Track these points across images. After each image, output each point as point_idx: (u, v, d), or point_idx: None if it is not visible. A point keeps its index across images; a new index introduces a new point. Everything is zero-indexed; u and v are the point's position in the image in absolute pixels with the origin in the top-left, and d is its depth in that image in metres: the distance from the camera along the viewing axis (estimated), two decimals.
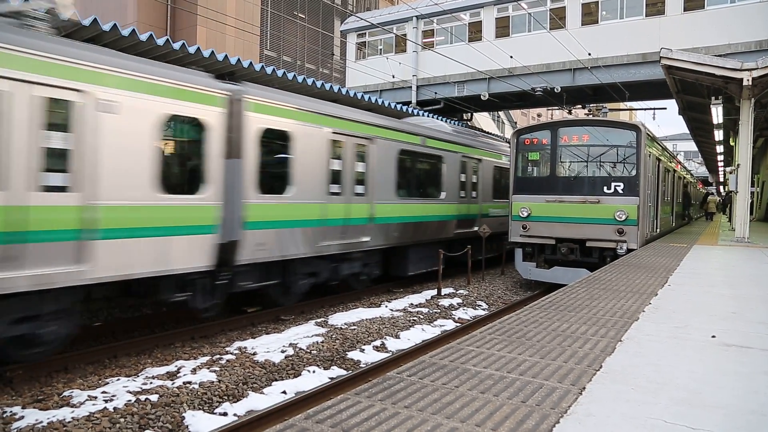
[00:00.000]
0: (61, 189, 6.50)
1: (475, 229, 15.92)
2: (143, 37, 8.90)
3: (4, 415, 5.65)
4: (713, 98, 15.25)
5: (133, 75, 7.23)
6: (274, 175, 9.59)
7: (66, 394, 6.22)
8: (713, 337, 4.99)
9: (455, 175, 15.50)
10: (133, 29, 8.82)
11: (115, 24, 8.56)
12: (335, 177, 10.86)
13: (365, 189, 11.76)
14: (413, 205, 13.40)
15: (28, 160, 6.18)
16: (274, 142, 9.55)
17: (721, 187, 49.23)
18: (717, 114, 16.65)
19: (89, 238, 6.72)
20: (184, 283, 8.23)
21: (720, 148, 26.75)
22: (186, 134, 8.22)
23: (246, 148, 8.83)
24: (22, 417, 5.59)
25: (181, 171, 8.28)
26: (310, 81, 12.23)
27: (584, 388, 3.57)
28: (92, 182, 6.76)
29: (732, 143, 22.41)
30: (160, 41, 9.16)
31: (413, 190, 13.61)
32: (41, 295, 6.50)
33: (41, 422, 5.44)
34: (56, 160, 6.47)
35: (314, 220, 10.28)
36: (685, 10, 18.64)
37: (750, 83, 12.53)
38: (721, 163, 34.54)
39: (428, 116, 18.20)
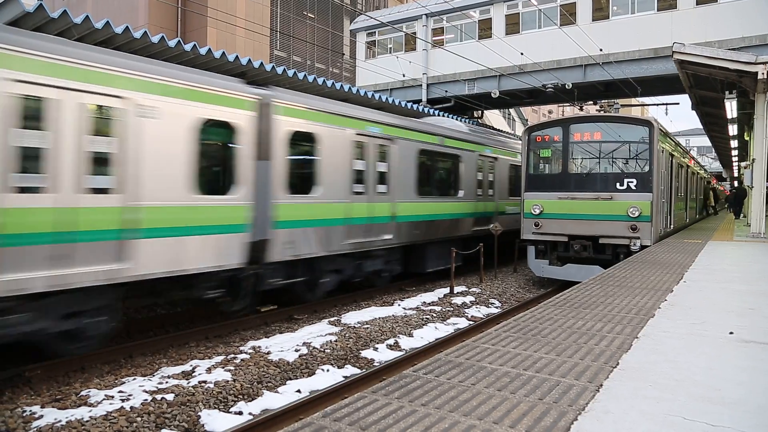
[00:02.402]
0: (105, 191, 6.93)
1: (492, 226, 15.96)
2: (155, 39, 8.95)
3: (24, 414, 5.72)
4: (727, 92, 15.08)
5: (170, 81, 7.63)
6: (302, 176, 10.01)
7: (83, 393, 6.28)
8: (731, 333, 4.94)
9: (472, 173, 15.85)
10: (145, 31, 8.87)
11: (127, 26, 8.62)
12: (358, 177, 11.26)
13: (387, 188, 12.13)
14: (433, 203, 13.73)
15: (77, 164, 6.61)
16: (301, 144, 9.95)
17: (735, 183, 48.69)
18: (731, 108, 16.47)
19: (131, 238, 7.10)
20: (219, 281, 8.58)
21: (734, 143, 26.47)
22: (220, 137, 8.61)
23: (275, 150, 9.24)
24: (42, 416, 5.66)
25: (216, 172, 8.64)
26: (329, 83, 12.37)
27: (601, 385, 3.54)
28: (134, 184, 7.17)
29: (747, 138, 22.17)
30: (172, 42, 9.21)
31: (433, 189, 13.97)
32: (87, 292, 6.82)
33: (60, 421, 5.51)
34: (101, 163, 6.92)
35: (339, 219, 10.68)
36: (697, 4, 18.44)
37: (765, 77, 12.37)
38: (735, 158, 34.18)
39: (446, 116, 18.32)
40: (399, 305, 11.21)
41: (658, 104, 21.08)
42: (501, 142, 17.90)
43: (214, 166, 8.66)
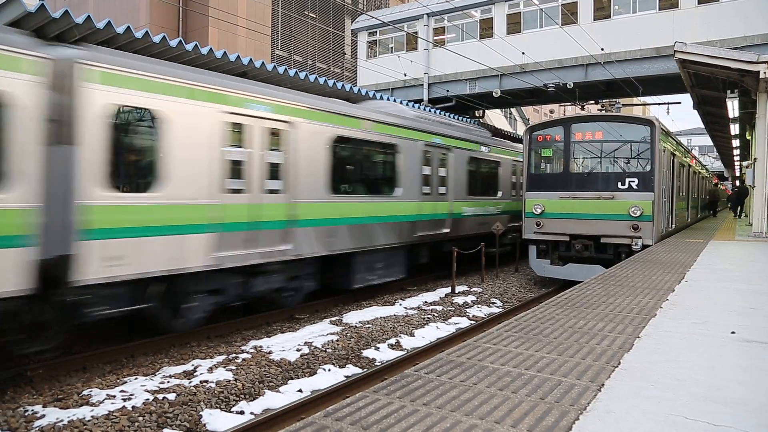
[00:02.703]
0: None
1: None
2: (156, 38, 8.96)
3: (26, 414, 5.73)
4: (729, 92, 15.08)
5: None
6: (133, 167, 7.67)
7: (85, 393, 6.29)
8: (733, 333, 4.93)
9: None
10: (147, 31, 8.88)
11: (128, 26, 8.62)
12: (235, 170, 8.67)
13: (282, 185, 9.47)
14: (354, 203, 11.20)
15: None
16: (133, 123, 7.53)
17: (737, 182, 48.62)
18: (733, 108, 16.46)
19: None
20: None
21: (736, 143, 26.44)
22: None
23: (86, 132, 6.77)
24: (44, 415, 5.67)
25: None
26: (330, 82, 12.18)
27: (603, 384, 3.54)
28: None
29: (749, 137, 22.15)
30: (174, 42, 9.22)
31: (356, 186, 11.65)
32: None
33: (62, 420, 5.51)
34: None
35: (202, 224, 8.12)
36: (699, 3, 18.41)
37: (767, 76, 12.35)
38: (737, 158, 34.13)
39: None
40: (400, 305, 11.22)
41: (659, 103, 21.04)
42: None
43: None
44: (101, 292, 7.00)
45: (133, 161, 7.58)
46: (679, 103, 21.09)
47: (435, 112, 18.21)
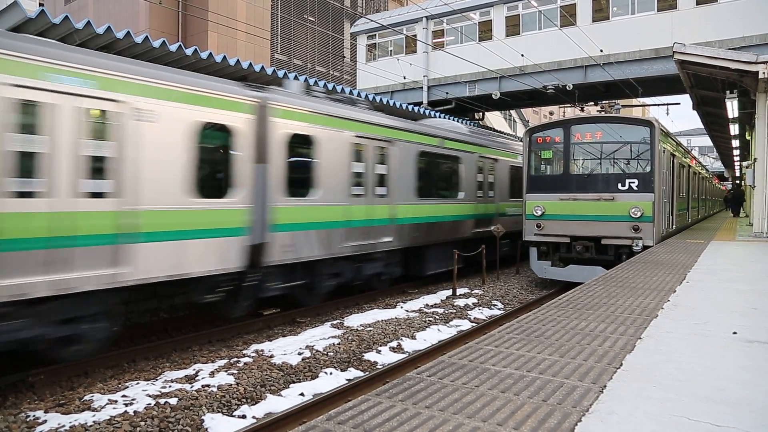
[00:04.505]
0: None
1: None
2: (156, 43, 8.98)
3: (28, 419, 5.72)
4: (728, 92, 15.08)
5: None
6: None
7: (87, 398, 6.28)
8: (734, 333, 4.93)
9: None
10: (146, 36, 8.91)
11: (128, 31, 8.65)
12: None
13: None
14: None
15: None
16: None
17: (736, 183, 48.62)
18: (732, 108, 16.46)
19: None
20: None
21: (736, 143, 26.44)
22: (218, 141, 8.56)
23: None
24: (45, 421, 5.66)
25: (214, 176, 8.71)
26: (330, 85, 12.42)
27: (605, 386, 3.54)
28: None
29: (748, 137, 22.16)
30: (173, 47, 9.24)
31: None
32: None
33: (63, 426, 5.51)
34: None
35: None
36: (697, 4, 18.45)
37: (766, 76, 12.37)
38: (737, 158, 34.14)
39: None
40: (401, 307, 11.21)
41: (659, 104, 21.10)
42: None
43: (215, 169, 8.59)
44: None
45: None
46: (679, 103, 21.12)
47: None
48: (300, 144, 9.73)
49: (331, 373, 7.36)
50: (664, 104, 20.74)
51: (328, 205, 10.29)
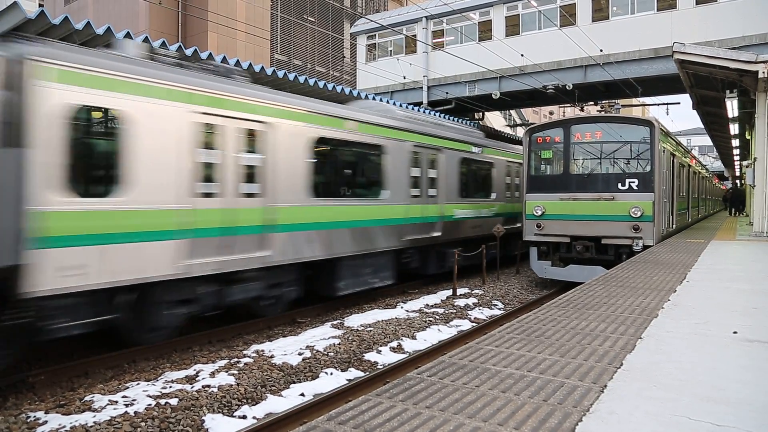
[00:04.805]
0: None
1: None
2: (156, 44, 8.98)
3: (28, 420, 5.73)
4: (728, 92, 15.08)
5: None
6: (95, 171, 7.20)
7: (87, 398, 6.29)
8: (735, 333, 4.93)
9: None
10: (146, 37, 8.90)
11: (128, 32, 8.64)
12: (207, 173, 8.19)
13: (261, 188, 9.03)
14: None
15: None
16: (98, 124, 7.12)
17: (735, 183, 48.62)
18: (732, 107, 16.46)
19: None
20: None
21: (736, 142, 26.45)
22: None
23: (38, 133, 6.28)
24: (46, 421, 5.66)
25: None
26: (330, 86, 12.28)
27: (606, 385, 3.54)
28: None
29: (748, 137, 22.16)
30: (173, 48, 9.24)
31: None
32: None
33: (64, 426, 5.51)
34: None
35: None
36: (697, 3, 18.43)
37: (765, 75, 12.36)
38: (737, 157, 34.15)
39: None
40: (402, 308, 11.21)
41: (658, 104, 21.10)
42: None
43: None
44: (57, 304, 6.72)
45: (92, 163, 7.34)
46: (679, 103, 21.13)
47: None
48: (95, 121, 7.01)
49: (331, 374, 7.36)
50: (664, 104, 20.74)
51: (149, 208, 7.34)
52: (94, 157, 7.15)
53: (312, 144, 9.88)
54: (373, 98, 15.19)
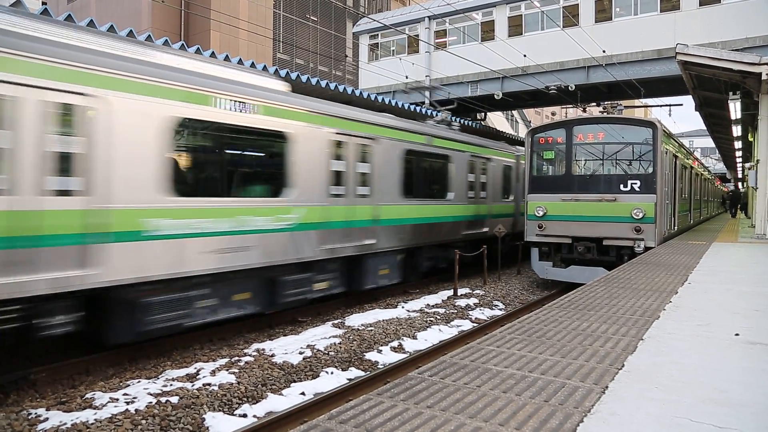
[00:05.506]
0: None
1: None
2: (159, 42, 8.99)
3: (29, 417, 5.73)
4: (731, 93, 15.05)
5: None
6: None
7: (88, 396, 6.29)
8: (737, 335, 4.92)
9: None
10: (149, 35, 8.91)
11: (131, 30, 8.65)
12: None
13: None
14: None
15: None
16: None
17: (740, 184, 48.53)
18: (735, 109, 16.44)
19: None
20: None
21: (738, 144, 26.41)
22: None
23: None
24: (47, 419, 5.66)
25: None
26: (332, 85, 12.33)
27: (607, 387, 3.53)
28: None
29: (751, 139, 22.11)
30: (176, 46, 9.24)
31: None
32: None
33: (65, 424, 5.51)
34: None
35: None
36: (700, 5, 18.42)
37: None
38: (739, 160, 34.10)
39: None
40: (402, 307, 11.21)
41: (661, 105, 21.06)
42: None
43: None
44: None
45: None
46: (681, 104, 21.23)
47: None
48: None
49: (332, 373, 7.36)
50: (666, 105, 20.71)
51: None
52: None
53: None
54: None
